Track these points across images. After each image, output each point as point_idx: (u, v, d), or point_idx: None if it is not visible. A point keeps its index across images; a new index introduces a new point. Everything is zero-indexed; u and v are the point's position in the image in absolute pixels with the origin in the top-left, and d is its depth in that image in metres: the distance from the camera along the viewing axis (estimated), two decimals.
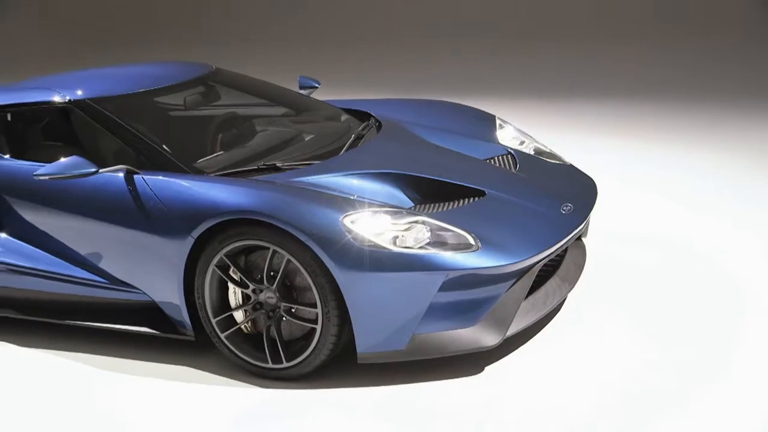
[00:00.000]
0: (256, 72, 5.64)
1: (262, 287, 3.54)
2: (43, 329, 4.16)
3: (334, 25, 13.76)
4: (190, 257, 3.57)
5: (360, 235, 3.33)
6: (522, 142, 4.62)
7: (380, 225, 3.40)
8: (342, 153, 4.12)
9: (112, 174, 3.76)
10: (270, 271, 3.50)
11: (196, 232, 3.51)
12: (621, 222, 5.14)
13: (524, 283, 3.54)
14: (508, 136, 4.66)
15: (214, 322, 3.62)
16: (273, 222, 3.37)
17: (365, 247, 3.32)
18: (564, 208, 3.85)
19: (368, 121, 4.62)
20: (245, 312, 3.61)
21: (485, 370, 3.56)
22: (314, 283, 3.38)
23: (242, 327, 3.63)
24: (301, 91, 5.18)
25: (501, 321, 3.48)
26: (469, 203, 3.77)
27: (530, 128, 5.25)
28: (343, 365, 3.57)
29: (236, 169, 3.88)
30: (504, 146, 4.49)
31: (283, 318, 3.54)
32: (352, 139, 4.29)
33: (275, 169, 3.90)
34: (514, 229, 3.61)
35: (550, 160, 4.47)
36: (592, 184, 4.29)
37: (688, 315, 3.96)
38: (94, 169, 3.71)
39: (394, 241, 3.36)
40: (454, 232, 3.45)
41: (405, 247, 3.35)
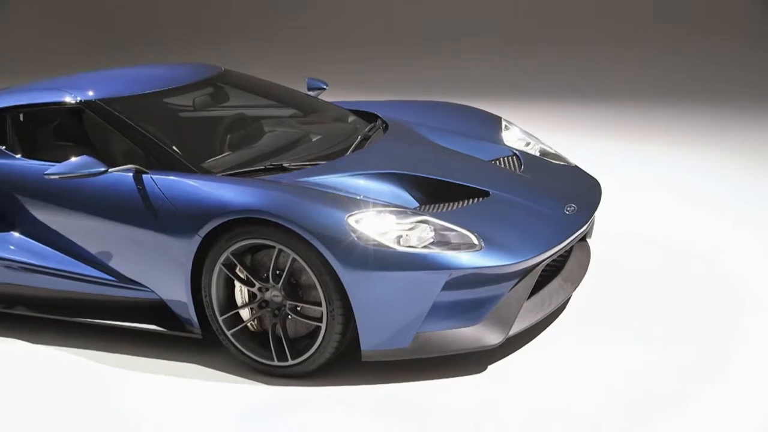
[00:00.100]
0: (264, 73, 5.69)
1: (268, 286, 3.59)
2: (53, 326, 4.22)
3: (340, 28, 13.83)
4: (197, 256, 3.62)
5: (364, 235, 3.37)
6: (527, 144, 4.65)
7: (384, 224, 3.44)
8: (348, 153, 4.17)
9: (121, 173, 3.82)
10: (276, 269, 3.55)
11: (203, 231, 3.56)
12: (621, 222, 5.17)
13: (527, 282, 3.57)
14: (514, 137, 4.70)
15: (220, 319, 3.67)
16: (279, 221, 3.42)
17: (369, 247, 3.35)
18: (568, 208, 3.88)
19: (375, 123, 4.67)
20: (251, 310, 3.65)
21: (488, 369, 3.59)
22: (319, 281, 3.42)
23: (248, 325, 3.67)
24: (309, 93, 5.23)
25: (504, 320, 3.51)
26: (473, 203, 3.80)
27: (533, 129, 5.28)
28: (347, 363, 3.60)
29: (243, 169, 3.93)
30: (509, 147, 4.52)
31: (289, 316, 3.59)
32: (359, 140, 4.33)
33: (282, 170, 3.94)
34: (517, 229, 3.64)
35: (555, 162, 4.50)
36: (596, 185, 4.31)
37: (689, 315, 3.99)
38: (103, 169, 3.77)
39: (398, 240, 3.40)
40: (458, 231, 3.49)
41: (409, 246, 3.39)
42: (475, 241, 3.46)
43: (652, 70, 10.40)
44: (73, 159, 3.79)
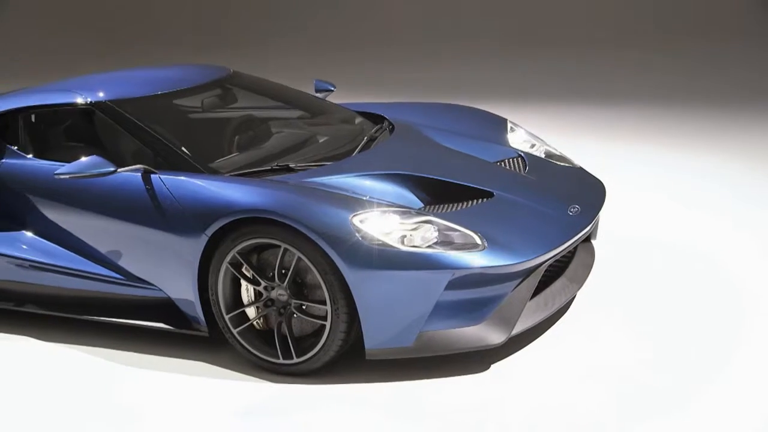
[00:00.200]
0: (272, 75, 5.74)
1: (274, 284, 3.63)
2: (63, 324, 4.27)
3: (348, 31, 13.87)
4: (204, 255, 3.66)
5: (369, 234, 3.41)
6: (533, 145, 4.68)
7: (389, 224, 3.47)
8: (354, 154, 4.21)
9: (130, 173, 3.87)
10: (281, 268, 3.59)
11: (210, 231, 3.61)
12: (622, 223, 5.19)
13: (530, 282, 3.59)
14: (519, 139, 4.73)
15: (227, 318, 3.72)
16: (284, 221, 3.46)
17: (374, 246, 3.39)
18: (571, 209, 3.90)
19: (381, 124, 4.71)
20: (257, 308, 3.70)
21: (491, 368, 3.62)
22: (324, 280, 3.46)
23: (254, 323, 3.72)
24: (317, 94, 5.27)
25: (507, 320, 3.54)
26: (477, 204, 3.83)
27: (537, 131, 5.31)
28: (351, 361, 3.64)
29: (250, 170, 3.98)
30: (514, 149, 4.55)
31: (294, 315, 3.62)
32: (365, 141, 4.37)
33: (288, 170, 3.99)
34: (520, 229, 3.67)
35: (559, 163, 4.53)
36: (600, 186, 4.34)
37: (691, 315, 4.01)
38: (112, 169, 3.82)
39: (402, 240, 3.44)
40: (461, 231, 3.52)
41: (413, 246, 3.42)
42: (479, 241, 3.49)
43: (653, 71, 10.46)
44: (83, 159, 3.84)
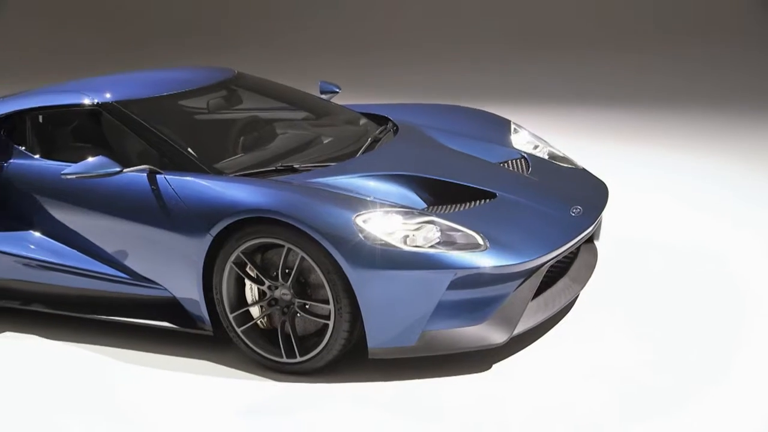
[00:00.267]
0: (277, 77, 5.77)
1: (278, 284, 3.65)
2: (69, 323, 4.31)
3: (352, 34, 13.90)
4: (208, 254, 3.70)
5: (372, 234, 3.44)
6: (536, 147, 4.70)
7: (391, 224, 3.50)
8: (358, 155, 4.24)
9: (135, 173, 3.90)
10: (285, 268, 3.62)
11: (215, 230, 3.64)
12: (625, 224, 5.21)
13: (532, 283, 3.61)
14: (523, 140, 4.75)
15: (231, 317, 3.75)
16: (288, 221, 3.49)
17: (377, 246, 3.41)
18: (573, 210, 3.92)
19: (386, 125, 4.74)
20: (261, 308, 3.72)
21: (493, 367, 3.64)
22: (327, 280, 3.48)
23: (258, 322, 3.75)
24: (322, 96, 5.30)
25: (509, 319, 3.56)
26: (479, 205, 3.86)
27: (540, 133, 5.35)
28: (354, 360, 3.66)
29: (255, 170, 4.01)
30: (518, 150, 4.57)
31: (298, 314, 3.65)
32: (369, 142, 4.40)
33: (293, 171, 4.02)
34: (522, 230, 3.69)
35: (562, 164, 4.55)
36: (603, 187, 4.36)
37: (693, 316, 4.03)
38: (118, 169, 3.85)
39: (404, 240, 3.46)
40: (464, 232, 3.54)
41: (415, 246, 3.45)
42: (481, 242, 3.52)
43: (655, 73, 10.52)
44: (90, 159, 3.88)
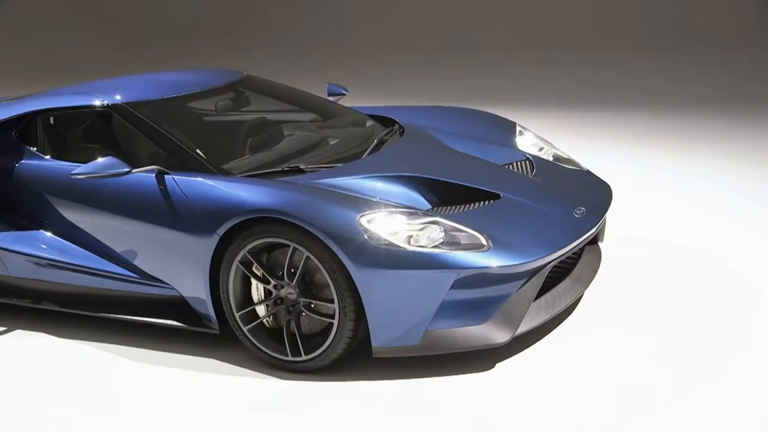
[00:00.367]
0: (284, 78, 5.82)
1: (283, 283, 3.70)
2: (78, 321, 4.37)
3: (358, 37, 13.95)
4: (215, 254, 3.74)
5: (376, 234, 3.47)
6: (541, 149, 4.73)
7: (396, 225, 3.53)
8: (364, 156, 4.28)
9: (144, 174, 3.96)
10: (290, 267, 3.66)
11: (222, 230, 3.69)
12: (630, 225, 5.24)
13: (534, 283, 3.64)
14: (528, 142, 4.78)
15: (237, 316, 3.79)
16: (294, 221, 3.53)
17: (381, 246, 3.45)
18: (576, 211, 3.95)
19: (392, 127, 4.78)
20: (267, 307, 3.77)
21: (496, 366, 3.68)
22: (332, 279, 3.52)
23: (264, 321, 3.79)
24: (330, 98, 5.35)
25: (511, 319, 3.59)
26: (483, 205, 3.89)
27: (546, 136, 5.38)
28: (359, 359, 3.70)
29: (262, 171, 4.06)
30: (523, 152, 4.61)
31: (303, 313, 3.69)
32: (375, 143, 4.44)
33: (299, 171, 4.06)
34: (525, 231, 3.72)
35: (567, 166, 4.58)
36: (607, 189, 4.39)
37: (696, 316, 4.05)
38: (127, 169, 3.91)
39: (408, 240, 3.50)
40: (467, 232, 3.58)
41: (419, 246, 3.48)
42: (484, 242, 3.55)
43: (656, 77, 10.57)
44: (99, 159, 3.94)
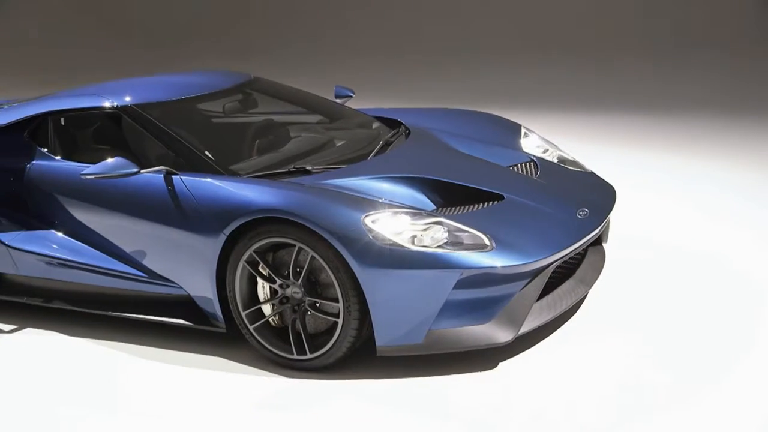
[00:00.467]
0: (291, 80, 5.87)
1: (289, 283, 3.74)
2: (86, 320, 4.42)
3: (365, 39, 14.00)
4: (222, 254, 3.79)
5: (380, 234, 3.51)
6: (545, 151, 4.77)
7: (400, 225, 3.58)
8: (370, 158, 4.33)
9: (152, 174, 4.01)
10: (296, 267, 3.70)
11: (228, 230, 3.73)
12: (634, 226, 5.27)
13: (537, 283, 3.67)
14: (533, 144, 4.81)
15: (243, 314, 3.83)
16: (299, 221, 3.57)
17: (385, 246, 3.49)
18: (580, 213, 3.98)
19: (398, 129, 4.82)
20: (273, 306, 3.81)
21: (498, 366, 3.71)
22: (336, 279, 3.57)
23: (270, 320, 3.83)
24: (337, 100, 5.39)
25: (514, 319, 3.62)
26: (487, 206, 3.93)
27: (551, 138, 5.42)
28: (363, 357, 3.74)
29: (268, 172, 4.11)
30: (527, 154, 4.64)
31: (308, 312, 3.74)
32: (381, 145, 4.49)
33: (305, 172, 4.11)
34: (528, 231, 3.75)
35: (571, 168, 4.61)
36: (611, 190, 4.42)
37: (699, 317, 4.07)
38: (135, 170, 3.96)
39: (412, 240, 3.54)
40: (471, 233, 3.61)
41: (423, 246, 3.52)
42: (487, 242, 3.58)
43: (658, 79, 10.62)
44: (108, 160, 3.99)
